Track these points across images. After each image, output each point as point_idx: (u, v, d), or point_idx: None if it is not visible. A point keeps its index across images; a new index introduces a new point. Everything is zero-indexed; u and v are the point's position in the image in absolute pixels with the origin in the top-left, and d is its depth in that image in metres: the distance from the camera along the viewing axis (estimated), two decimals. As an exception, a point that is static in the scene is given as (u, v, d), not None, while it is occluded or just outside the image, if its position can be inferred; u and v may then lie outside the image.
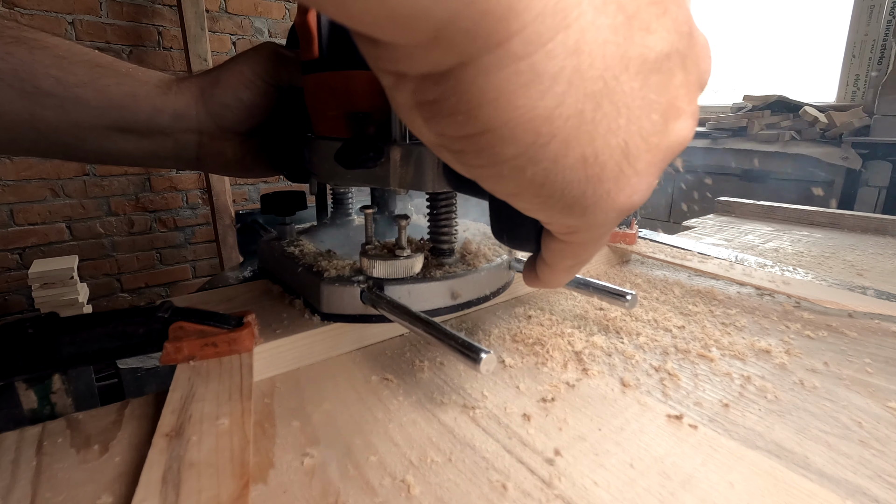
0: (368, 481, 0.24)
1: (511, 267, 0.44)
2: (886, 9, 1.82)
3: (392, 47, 0.14)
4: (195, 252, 2.37)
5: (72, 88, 0.34)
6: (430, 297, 0.37)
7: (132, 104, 0.36)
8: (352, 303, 0.36)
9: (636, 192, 0.18)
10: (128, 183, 2.13)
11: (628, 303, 0.39)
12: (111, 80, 0.36)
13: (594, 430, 0.28)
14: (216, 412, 0.26)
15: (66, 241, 2.04)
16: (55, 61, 0.34)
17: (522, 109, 0.14)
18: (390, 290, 0.36)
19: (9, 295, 1.95)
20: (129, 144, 0.38)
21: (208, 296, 0.42)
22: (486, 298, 0.41)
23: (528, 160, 0.16)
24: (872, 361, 0.36)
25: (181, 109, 0.38)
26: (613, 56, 0.15)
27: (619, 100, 0.15)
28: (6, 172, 1.87)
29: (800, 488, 0.23)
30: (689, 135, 0.18)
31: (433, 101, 0.15)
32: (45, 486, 0.23)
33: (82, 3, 1.91)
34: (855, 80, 1.95)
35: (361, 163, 0.31)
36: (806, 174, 1.87)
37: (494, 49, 0.13)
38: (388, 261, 0.36)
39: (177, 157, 0.40)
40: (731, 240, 0.73)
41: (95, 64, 0.35)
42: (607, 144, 0.16)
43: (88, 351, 0.29)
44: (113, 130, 0.37)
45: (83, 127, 0.35)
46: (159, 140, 0.39)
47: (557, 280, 0.26)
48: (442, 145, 0.17)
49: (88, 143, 0.37)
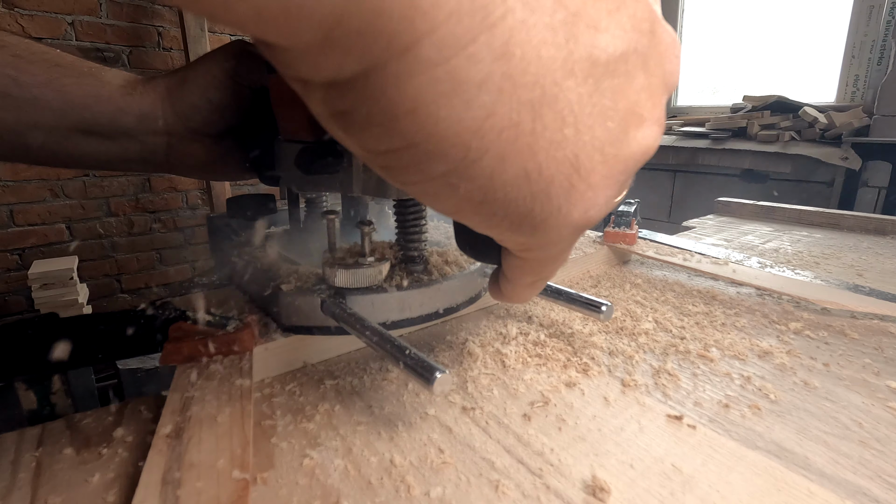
0: (368, 481, 0.24)
1: (485, 274, 0.41)
2: (886, 9, 1.82)
3: (283, 51, 0.13)
4: (195, 253, 2.37)
5: (29, 88, 0.32)
6: (396, 307, 0.35)
7: (94, 105, 0.34)
8: (312, 314, 0.34)
9: (592, 207, 0.16)
10: (128, 184, 2.14)
11: (603, 314, 0.36)
12: (71, 79, 0.34)
13: (594, 431, 0.28)
14: (216, 412, 0.26)
15: (66, 242, 2.04)
16: (11, 60, 0.32)
17: (446, 122, 0.13)
18: (353, 300, 0.34)
19: (8, 296, 1.95)
20: (92, 147, 0.36)
21: (209, 296, 0.42)
22: (458, 308, 0.38)
23: (460, 177, 0.14)
24: (872, 362, 0.36)
25: (147, 110, 0.36)
26: (553, 59, 0.13)
27: (563, 108, 0.14)
28: (6, 173, 1.88)
29: (800, 488, 0.23)
30: (653, 143, 0.17)
31: (344, 111, 0.14)
32: (45, 486, 0.23)
33: (82, 3, 1.91)
34: (854, 81, 1.95)
35: (320, 168, 0.30)
36: (805, 174, 1.87)
37: (402, 54, 0.12)
38: (351, 269, 0.34)
39: (144, 161, 0.38)
40: (731, 240, 0.73)
41: (55, 63, 0.34)
42: (552, 158, 0.14)
43: (88, 351, 0.29)
44: (75, 132, 0.35)
45: (43, 129, 0.34)
46: (125, 143, 0.36)
47: (520, 295, 0.24)
48: (368, 160, 0.15)
49: (50, 146, 0.35)
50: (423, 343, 0.38)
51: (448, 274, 0.37)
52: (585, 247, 0.58)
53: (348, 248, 0.37)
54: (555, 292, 0.39)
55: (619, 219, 0.60)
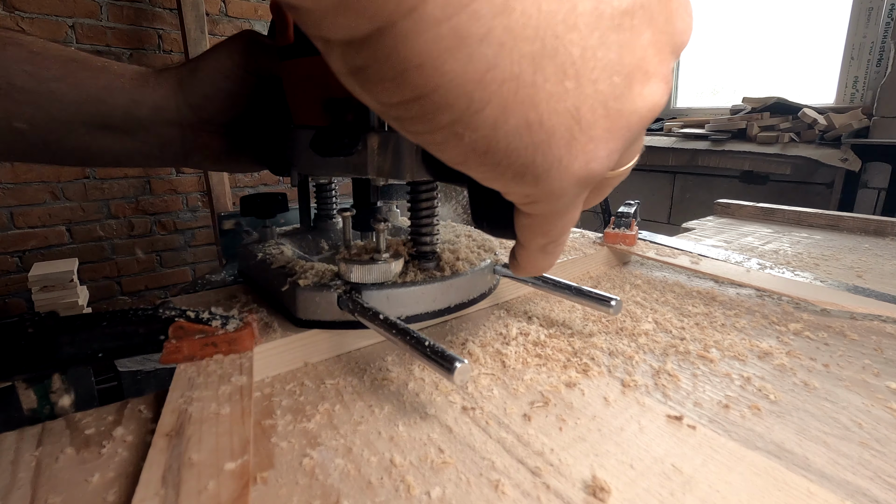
0: (368, 481, 0.24)
1: (495, 271, 0.43)
2: (885, 10, 1.83)
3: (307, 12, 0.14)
4: (195, 255, 2.37)
5: (46, 83, 0.33)
6: (410, 302, 0.36)
7: (108, 97, 0.35)
8: (329, 308, 0.35)
9: (593, 160, 0.17)
10: (128, 186, 2.14)
11: (612, 308, 0.37)
12: (86, 73, 0.35)
13: (594, 431, 0.28)
14: (216, 412, 0.26)
15: (66, 244, 2.04)
16: (29, 56, 0.33)
17: (451, 74, 0.14)
18: (368, 295, 0.35)
19: (8, 298, 1.94)
20: (109, 142, 0.37)
21: (209, 295, 0.42)
22: (470, 303, 0.39)
23: (465, 127, 0.15)
24: (872, 363, 0.36)
25: (160, 101, 0.37)
26: (555, 13, 0.14)
27: (564, 61, 0.14)
28: (6, 176, 1.88)
29: (800, 488, 0.23)
30: (659, 100, 0.17)
31: (361, 67, 0.15)
32: (45, 486, 0.23)
33: (82, 6, 1.92)
34: (854, 82, 1.95)
35: (337, 150, 0.30)
36: (805, 176, 1.87)
37: (409, 14, 0.13)
38: (366, 265, 0.34)
39: (162, 154, 0.39)
40: (731, 241, 0.73)
41: (70, 59, 0.35)
42: (553, 110, 0.15)
43: (88, 351, 0.29)
44: (92, 127, 0.36)
45: (60, 122, 0.35)
46: (141, 136, 0.38)
47: (535, 262, 0.24)
48: (383, 112, 0.16)
49: (68, 142, 0.36)
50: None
51: (460, 270, 0.39)
52: (585, 248, 0.59)
53: (363, 245, 0.38)
54: (564, 287, 0.40)
55: (619, 220, 0.60)
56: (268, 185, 2.47)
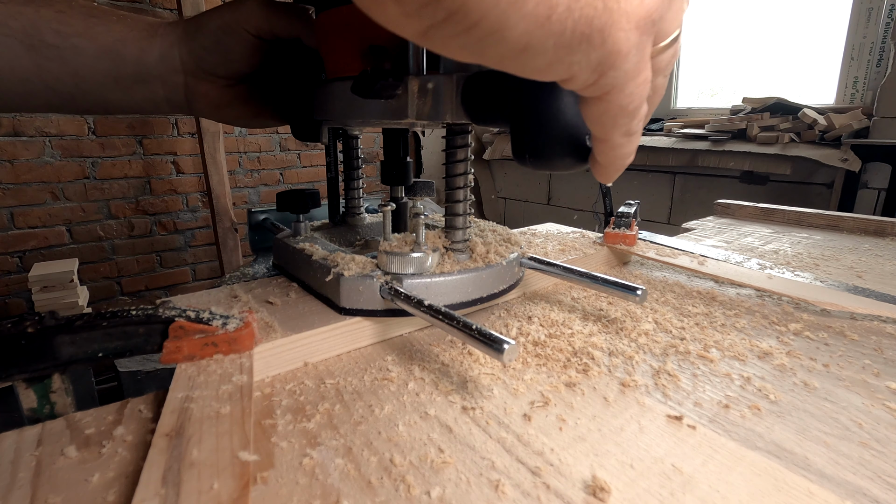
0: (368, 481, 0.24)
1: (521, 264, 0.45)
2: (885, 11, 1.82)
3: None
4: (195, 255, 2.37)
5: (70, 38, 0.37)
6: (447, 292, 0.39)
7: (121, 48, 0.39)
8: (371, 297, 0.37)
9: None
10: (128, 186, 2.14)
11: (639, 297, 0.39)
12: (103, 27, 0.38)
13: (594, 431, 0.28)
14: (216, 412, 0.26)
15: (66, 245, 2.04)
16: (56, 16, 0.37)
17: None
18: (409, 284, 0.37)
19: (8, 298, 1.95)
20: (124, 93, 0.40)
21: (210, 295, 0.42)
22: (500, 294, 0.42)
23: None
24: (872, 363, 0.36)
25: (165, 50, 0.40)
26: None
27: None
28: (6, 176, 1.88)
29: (800, 489, 0.23)
30: None
31: None
32: (45, 485, 0.23)
33: (83, 6, 1.92)
34: (854, 83, 1.95)
35: (380, 91, 0.31)
36: (805, 176, 1.87)
37: None
38: (406, 256, 0.37)
39: (169, 102, 0.43)
40: (731, 242, 0.73)
41: (90, 14, 0.38)
42: None
43: (88, 351, 0.29)
44: (109, 78, 0.39)
45: (82, 76, 0.38)
46: (151, 85, 0.41)
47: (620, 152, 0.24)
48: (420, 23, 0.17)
49: (90, 94, 0.39)
50: (423, 343, 0.38)
51: (491, 262, 0.41)
52: (585, 248, 0.59)
53: (402, 237, 0.40)
54: (590, 277, 0.42)
55: (619, 220, 0.60)
56: (268, 185, 2.47)
